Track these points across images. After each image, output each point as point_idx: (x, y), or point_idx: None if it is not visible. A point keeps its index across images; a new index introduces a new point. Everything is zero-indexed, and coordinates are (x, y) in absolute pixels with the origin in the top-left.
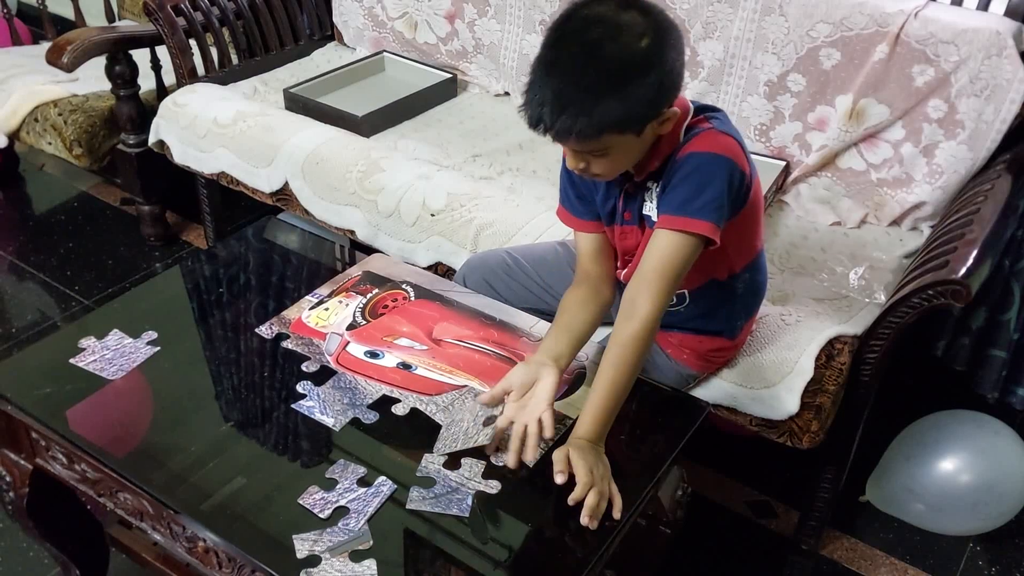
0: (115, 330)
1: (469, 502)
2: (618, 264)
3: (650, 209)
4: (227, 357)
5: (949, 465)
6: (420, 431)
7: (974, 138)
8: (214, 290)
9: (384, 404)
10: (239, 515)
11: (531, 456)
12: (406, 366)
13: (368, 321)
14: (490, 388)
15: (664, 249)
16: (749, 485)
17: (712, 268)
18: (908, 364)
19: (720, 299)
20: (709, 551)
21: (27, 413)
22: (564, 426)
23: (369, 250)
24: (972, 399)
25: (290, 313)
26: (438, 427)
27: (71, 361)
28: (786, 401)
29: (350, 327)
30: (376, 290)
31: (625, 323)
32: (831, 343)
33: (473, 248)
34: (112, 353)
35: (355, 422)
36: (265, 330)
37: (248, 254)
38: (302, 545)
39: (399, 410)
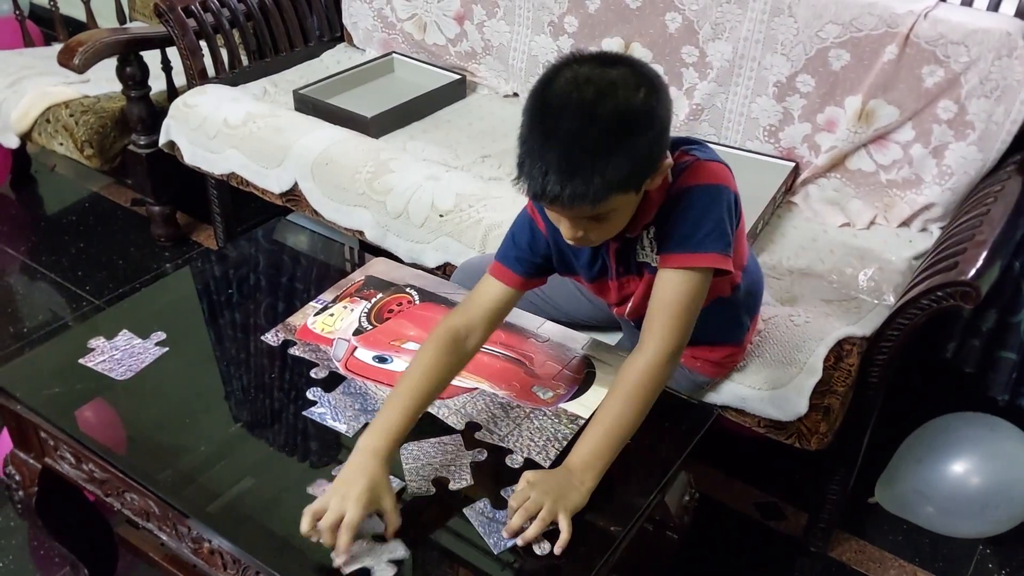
0: (124, 330)
1: (505, 545)
2: (616, 302)
3: (644, 256)
4: (235, 359)
5: (959, 468)
6: (430, 434)
7: (984, 139)
8: (224, 291)
9: None
10: (244, 517)
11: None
12: None
13: (374, 326)
14: (500, 390)
15: (671, 287)
16: (757, 487)
17: (716, 288)
18: (917, 366)
19: (725, 311)
20: (717, 552)
21: (36, 413)
22: (577, 426)
23: (378, 251)
24: (982, 401)
25: (295, 320)
26: (450, 429)
27: (80, 361)
28: (795, 402)
29: (356, 332)
30: (380, 295)
31: (632, 357)
32: (840, 344)
33: (482, 249)
34: (121, 353)
35: (366, 427)
36: (271, 337)
37: (258, 255)
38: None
39: None
